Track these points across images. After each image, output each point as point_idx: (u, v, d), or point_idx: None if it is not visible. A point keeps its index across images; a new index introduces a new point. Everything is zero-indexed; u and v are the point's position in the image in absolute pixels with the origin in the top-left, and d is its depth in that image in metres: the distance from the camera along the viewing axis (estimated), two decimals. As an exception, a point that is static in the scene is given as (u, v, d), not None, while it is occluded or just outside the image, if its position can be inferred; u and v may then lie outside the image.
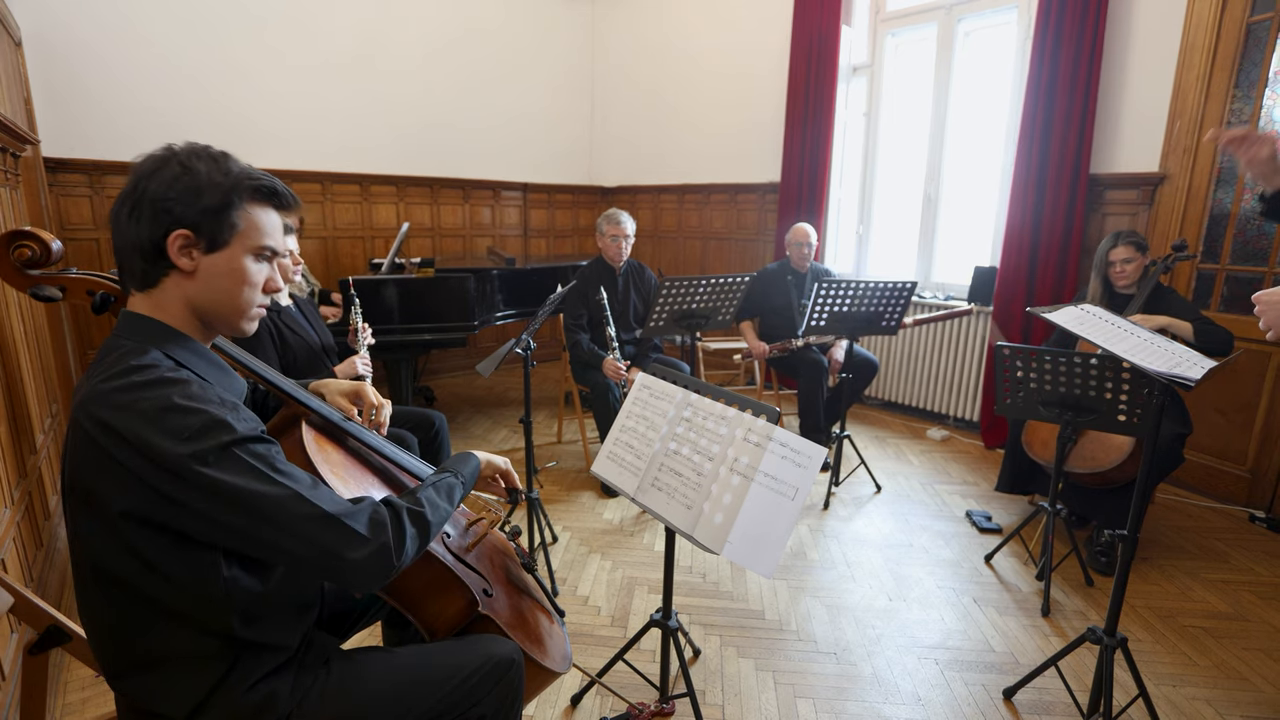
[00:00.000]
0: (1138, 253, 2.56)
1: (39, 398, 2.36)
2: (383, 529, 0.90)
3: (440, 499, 1.04)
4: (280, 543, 0.84)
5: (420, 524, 0.96)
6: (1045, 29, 3.31)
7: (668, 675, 1.74)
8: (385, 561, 0.88)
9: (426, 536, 0.97)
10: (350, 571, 0.87)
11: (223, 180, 0.89)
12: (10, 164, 2.33)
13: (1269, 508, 2.91)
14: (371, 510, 0.91)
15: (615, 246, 3.31)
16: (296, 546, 0.85)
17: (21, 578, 1.78)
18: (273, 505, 0.83)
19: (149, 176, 0.87)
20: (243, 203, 0.90)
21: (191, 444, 0.80)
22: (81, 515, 0.85)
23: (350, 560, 0.86)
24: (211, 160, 0.90)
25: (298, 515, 0.84)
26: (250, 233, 0.92)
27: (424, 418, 2.46)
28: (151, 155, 0.89)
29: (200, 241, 0.88)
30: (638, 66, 5.51)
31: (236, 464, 0.82)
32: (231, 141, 4.02)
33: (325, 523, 0.85)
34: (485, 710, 1.06)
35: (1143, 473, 1.55)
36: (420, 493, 1.02)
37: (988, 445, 3.77)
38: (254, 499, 0.82)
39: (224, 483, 0.81)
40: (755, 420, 1.31)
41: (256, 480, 0.83)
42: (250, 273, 0.93)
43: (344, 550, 0.85)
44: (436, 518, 1.00)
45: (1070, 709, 1.77)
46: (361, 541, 0.87)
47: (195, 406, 0.82)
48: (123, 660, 0.89)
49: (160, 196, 0.86)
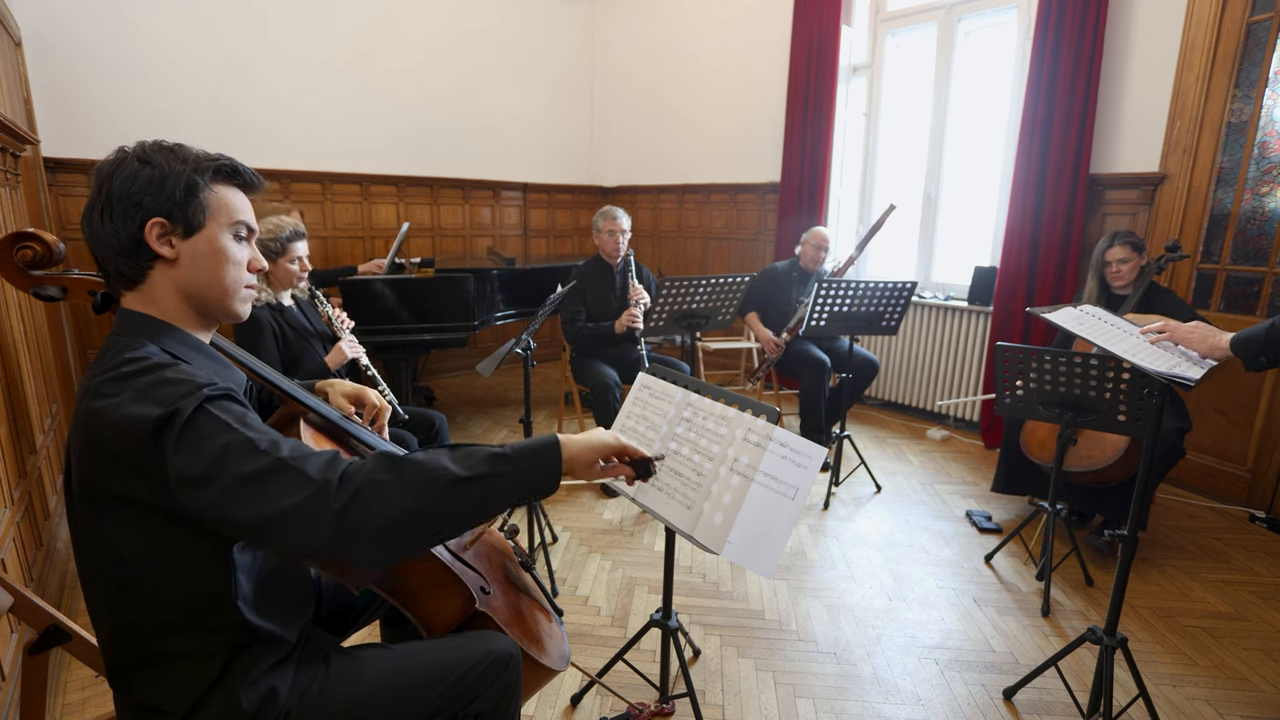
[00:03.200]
0: (1134, 253, 2.55)
1: (39, 398, 2.36)
2: (332, 468, 0.79)
3: (446, 459, 0.85)
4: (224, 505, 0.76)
5: (392, 469, 0.81)
6: (1045, 29, 3.31)
7: (668, 675, 1.74)
8: (320, 503, 0.76)
9: (400, 485, 0.80)
10: (288, 525, 0.76)
11: (182, 166, 0.90)
12: (10, 164, 2.34)
13: (1269, 508, 2.91)
14: (332, 455, 0.81)
15: (612, 241, 3.31)
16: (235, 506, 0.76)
17: (21, 578, 1.78)
18: (233, 450, 0.77)
19: (110, 177, 0.89)
20: (208, 183, 0.92)
21: (167, 406, 0.78)
22: (83, 510, 0.86)
23: (283, 508, 0.76)
24: (167, 150, 0.91)
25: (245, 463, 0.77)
26: (222, 211, 0.93)
27: (424, 418, 2.46)
28: (106, 159, 0.91)
29: (176, 228, 0.90)
30: (638, 66, 5.51)
31: (204, 416, 0.79)
32: (232, 141, 4.00)
33: (271, 468, 0.77)
34: (483, 706, 1.07)
35: (1143, 472, 1.55)
36: (426, 450, 0.88)
37: (987, 445, 3.77)
38: (218, 444, 0.78)
39: (192, 434, 0.77)
40: (755, 420, 1.31)
41: (220, 430, 0.79)
42: (231, 251, 0.94)
43: (280, 498, 0.76)
44: (425, 469, 0.82)
45: (1070, 709, 1.77)
46: (303, 483, 0.77)
47: (181, 379, 0.82)
48: (123, 657, 0.90)
49: (126, 192, 0.88)
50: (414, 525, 0.81)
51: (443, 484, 0.83)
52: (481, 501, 0.85)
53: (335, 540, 0.77)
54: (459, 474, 0.84)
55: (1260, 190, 2.92)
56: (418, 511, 0.81)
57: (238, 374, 1.02)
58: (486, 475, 0.86)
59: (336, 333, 2.38)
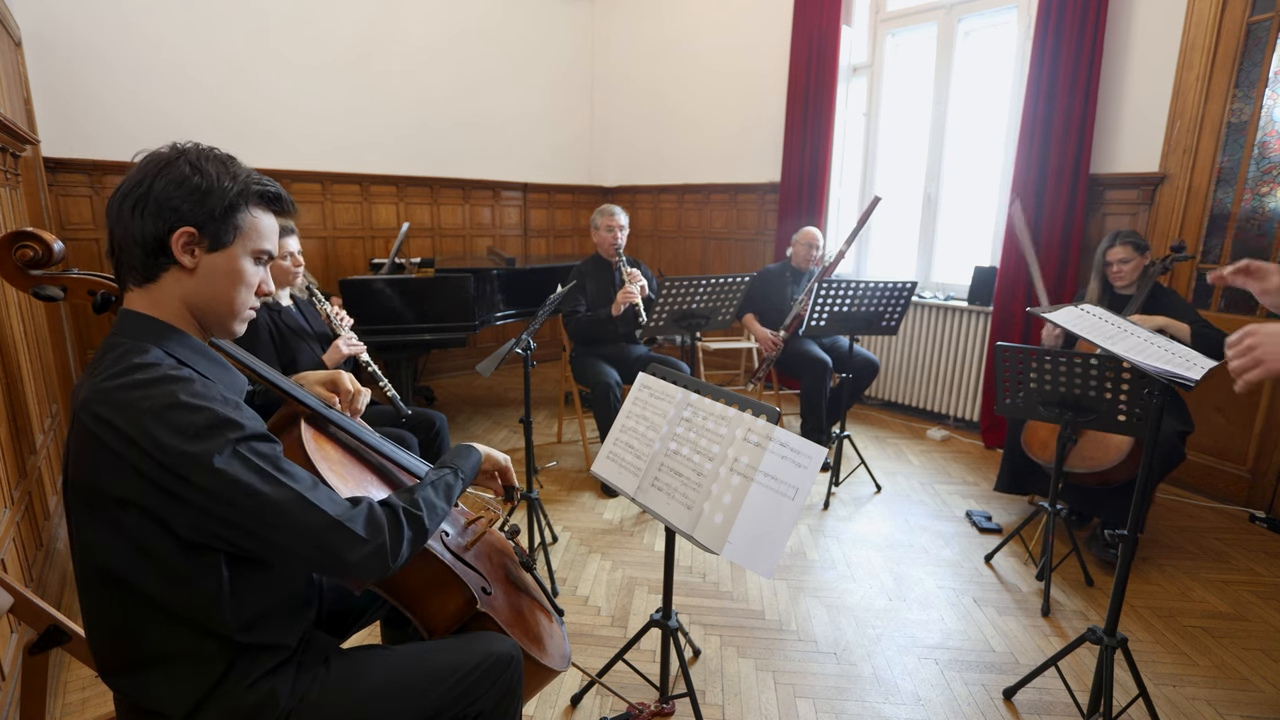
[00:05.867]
0: (1135, 253, 2.55)
1: (39, 398, 2.36)
2: (380, 530, 0.92)
3: (438, 498, 1.05)
4: (280, 543, 0.86)
5: (416, 525, 0.97)
6: (1045, 29, 3.31)
7: (668, 675, 1.74)
8: (381, 562, 0.91)
9: (423, 536, 0.99)
10: (349, 571, 0.90)
11: (230, 184, 0.91)
12: (10, 164, 2.33)
13: (1269, 508, 2.91)
14: (368, 512, 0.93)
15: (610, 238, 3.32)
16: (297, 547, 0.87)
17: (21, 578, 1.78)
18: (274, 507, 0.84)
19: (157, 174, 0.88)
20: (248, 206, 0.93)
21: (198, 442, 0.81)
22: (83, 514, 0.85)
23: (349, 562, 0.89)
24: (220, 163, 0.92)
25: (300, 519, 0.86)
26: (251, 235, 0.94)
27: (424, 418, 2.46)
28: (158, 153, 0.90)
29: (204, 240, 0.90)
30: (638, 66, 5.51)
31: (242, 463, 0.83)
32: (232, 141, 4.02)
33: (326, 527, 0.87)
34: (484, 707, 1.07)
35: (1143, 472, 1.55)
36: (418, 492, 1.02)
37: (988, 445, 3.77)
38: (257, 499, 0.83)
39: (228, 482, 0.82)
40: (755, 420, 1.31)
41: (260, 480, 0.84)
42: (247, 274, 0.95)
43: (343, 552, 0.88)
44: (433, 517, 1.01)
45: (1070, 709, 1.77)
46: (360, 543, 0.89)
47: (200, 404, 0.83)
48: (122, 659, 0.89)
49: (168, 195, 0.87)
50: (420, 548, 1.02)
51: (439, 517, 1.05)
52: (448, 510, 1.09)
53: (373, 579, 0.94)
54: (447, 509, 1.08)
55: (1260, 190, 2.92)
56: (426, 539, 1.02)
57: (240, 378, 1.01)
58: (453, 497, 1.12)
59: (335, 330, 2.38)
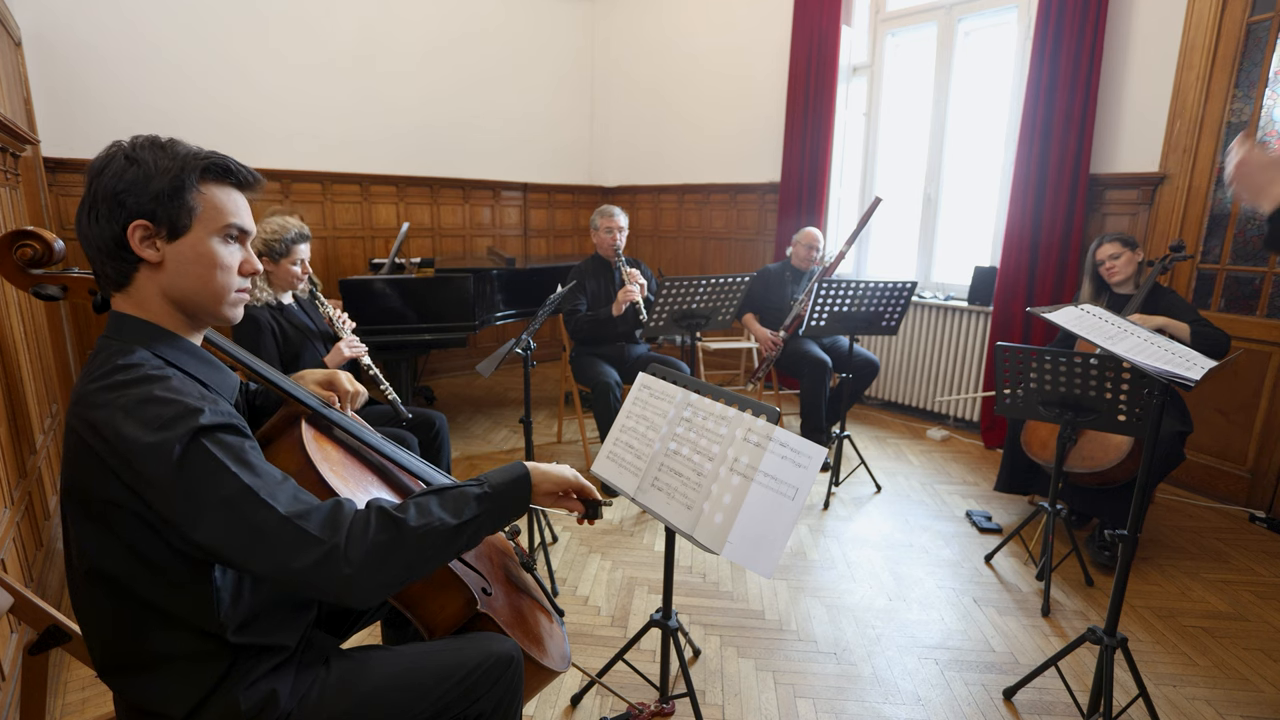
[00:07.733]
0: (1124, 247, 2.55)
1: (39, 398, 2.36)
2: (336, 529, 0.83)
3: (438, 508, 0.91)
4: (223, 547, 0.79)
5: (392, 529, 0.86)
6: (1045, 29, 3.31)
7: (668, 675, 1.74)
8: (333, 567, 0.80)
9: (401, 541, 0.86)
10: (299, 581, 0.80)
11: (170, 164, 0.86)
12: (10, 164, 2.33)
13: (1269, 508, 2.91)
14: (331, 509, 0.85)
15: (610, 239, 3.32)
16: (236, 553, 0.79)
17: (21, 578, 1.78)
18: (225, 500, 0.79)
19: (99, 174, 0.86)
20: (196, 184, 0.88)
21: (159, 433, 0.78)
22: (77, 517, 0.85)
23: (294, 569, 0.80)
24: (157, 147, 0.88)
25: (245, 516, 0.79)
26: (211, 214, 0.90)
27: (424, 418, 2.46)
28: (98, 155, 0.88)
29: (160, 230, 0.87)
30: (638, 66, 5.51)
31: (199, 453, 0.79)
32: (232, 141, 3.99)
33: (273, 523, 0.80)
34: (484, 708, 1.06)
35: (1143, 472, 1.55)
36: (416, 498, 0.93)
37: (988, 445, 3.77)
38: (209, 491, 0.79)
39: (183, 472, 0.78)
40: (755, 420, 1.31)
41: (216, 471, 0.79)
42: (220, 255, 0.91)
43: (288, 557, 0.80)
44: (423, 523, 0.88)
45: (1070, 709, 1.77)
46: (309, 544, 0.80)
47: (171, 398, 0.81)
48: (120, 660, 0.89)
49: (111, 190, 0.85)
50: (416, 572, 0.89)
51: (440, 536, 0.90)
52: (471, 539, 0.95)
53: (344, 595, 0.83)
54: (454, 523, 0.91)
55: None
56: (420, 562, 0.88)
57: (231, 377, 1.00)
58: (475, 518, 0.94)
59: (337, 333, 2.39)
